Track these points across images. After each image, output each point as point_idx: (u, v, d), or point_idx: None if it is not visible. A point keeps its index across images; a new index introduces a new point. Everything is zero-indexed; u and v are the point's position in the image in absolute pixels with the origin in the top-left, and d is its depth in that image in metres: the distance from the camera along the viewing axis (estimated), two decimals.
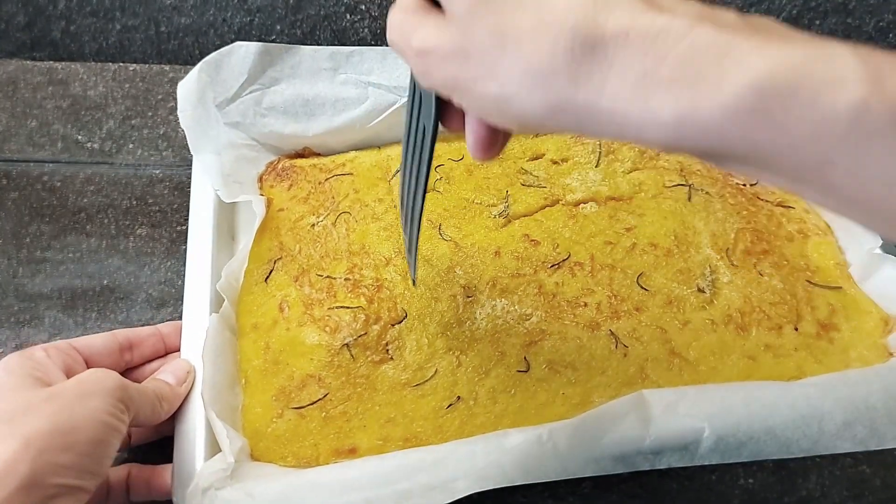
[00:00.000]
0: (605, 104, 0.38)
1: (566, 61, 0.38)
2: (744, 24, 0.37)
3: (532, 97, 0.40)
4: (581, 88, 0.38)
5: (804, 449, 0.64)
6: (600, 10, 0.37)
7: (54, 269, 0.86)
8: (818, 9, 1.09)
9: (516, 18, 0.39)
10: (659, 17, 0.36)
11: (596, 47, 0.37)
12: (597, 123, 0.39)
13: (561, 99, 0.39)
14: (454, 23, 0.42)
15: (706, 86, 0.35)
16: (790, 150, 0.34)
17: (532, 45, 0.39)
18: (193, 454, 0.65)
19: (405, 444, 0.68)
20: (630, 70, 0.37)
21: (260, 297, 0.78)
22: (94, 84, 1.04)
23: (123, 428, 0.58)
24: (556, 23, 0.38)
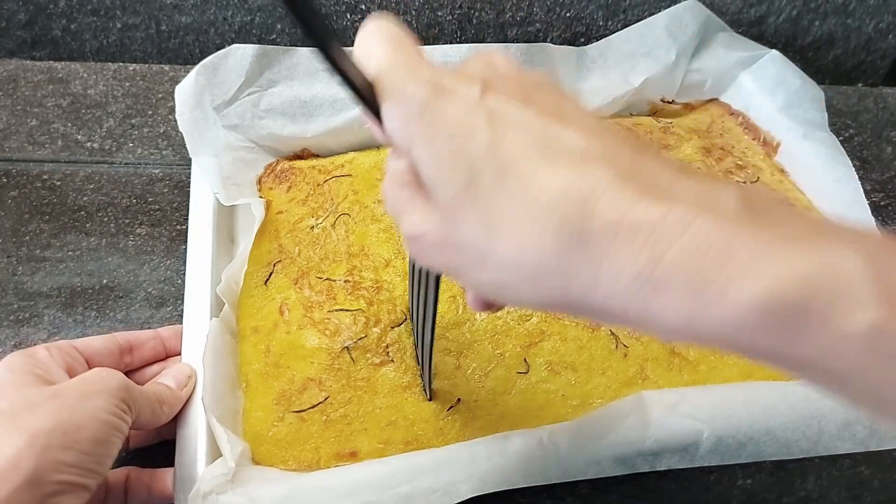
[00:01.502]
0: (598, 301, 0.36)
1: (555, 256, 0.36)
2: (745, 212, 0.34)
3: (524, 289, 0.38)
4: (573, 284, 0.36)
5: (804, 449, 0.64)
6: (588, 199, 0.34)
7: (54, 268, 0.86)
8: (818, 10, 1.08)
9: (501, 207, 0.37)
10: (652, 207, 0.33)
11: (585, 241, 0.35)
12: (594, 316, 0.38)
13: (552, 294, 0.37)
14: (439, 211, 0.40)
15: (708, 297, 0.32)
16: (802, 365, 0.33)
17: (518, 239, 0.36)
18: (195, 458, 0.65)
19: (406, 447, 0.68)
20: (623, 269, 0.34)
21: (260, 300, 0.78)
22: (94, 83, 1.04)
23: (126, 428, 0.58)
24: (543, 214, 0.35)
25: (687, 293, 0.33)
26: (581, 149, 0.36)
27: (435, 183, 0.40)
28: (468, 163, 0.37)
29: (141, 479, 0.66)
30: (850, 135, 1.06)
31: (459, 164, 0.38)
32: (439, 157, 0.39)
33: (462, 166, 0.38)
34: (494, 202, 0.37)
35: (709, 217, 0.33)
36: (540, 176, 0.36)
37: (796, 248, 0.31)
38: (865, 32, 1.12)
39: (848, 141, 1.04)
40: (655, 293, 0.33)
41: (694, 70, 1.01)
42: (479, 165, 0.37)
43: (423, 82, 0.39)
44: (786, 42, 1.12)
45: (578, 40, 1.13)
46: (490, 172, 0.37)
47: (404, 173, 0.43)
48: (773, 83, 0.96)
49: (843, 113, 1.08)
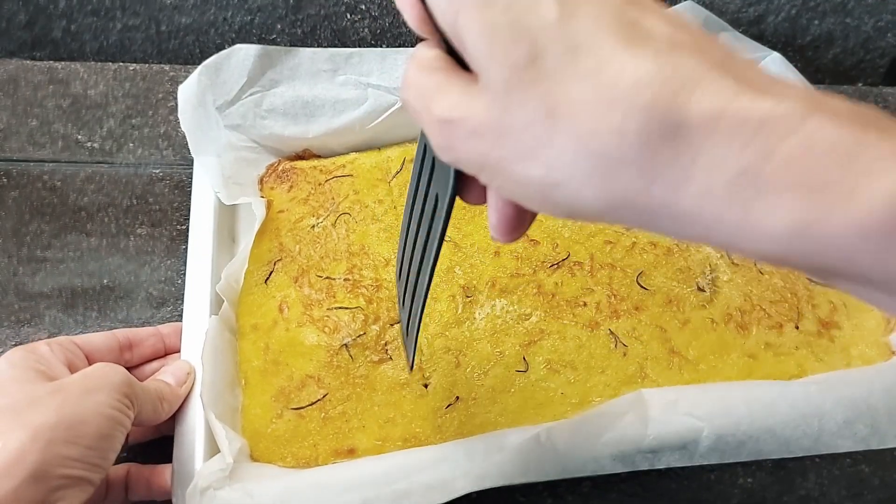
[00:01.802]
0: (686, 204, 0.31)
1: (637, 147, 0.31)
2: (859, 115, 0.30)
3: (588, 186, 0.33)
4: (656, 182, 0.31)
5: (804, 448, 0.64)
6: (681, 87, 0.30)
7: (54, 268, 0.86)
8: (817, 8, 1.08)
9: (570, 89, 0.32)
10: (758, 100, 0.30)
11: (676, 133, 0.30)
12: (673, 224, 0.33)
13: (627, 192, 0.32)
14: (489, 91, 0.34)
15: (830, 199, 0.28)
16: None
17: (592, 124, 0.31)
18: (193, 455, 0.65)
19: (404, 444, 0.68)
20: (723, 166, 0.30)
21: (260, 297, 0.78)
22: (94, 83, 1.04)
23: (128, 423, 0.58)
24: (625, 98, 0.31)
25: (803, 194, 0.29)
26: (668, 35, 0.32)
27: (486, 58, 0.34)
28: (531, 37, 0.32)
29: (141, 474, 0.66)
30: None
31: (520, 38, 0.32)
32: (495, 28, 0.33)
33: (523, 40, 0.32)
34: (562, 83, 0.32)
35: (826, 115, 0.29)
36: (621, 59, 0.31)
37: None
38: (864, 31, 1.12)
39: None
40: (761, 194, 0.29)
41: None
42: (545, 41, 0.32)
43: None
44: (785, 41, 1.12)
45: None
46: (557, 50, 0.32)
47: (436, 59, 0.38)
48: None
49: None
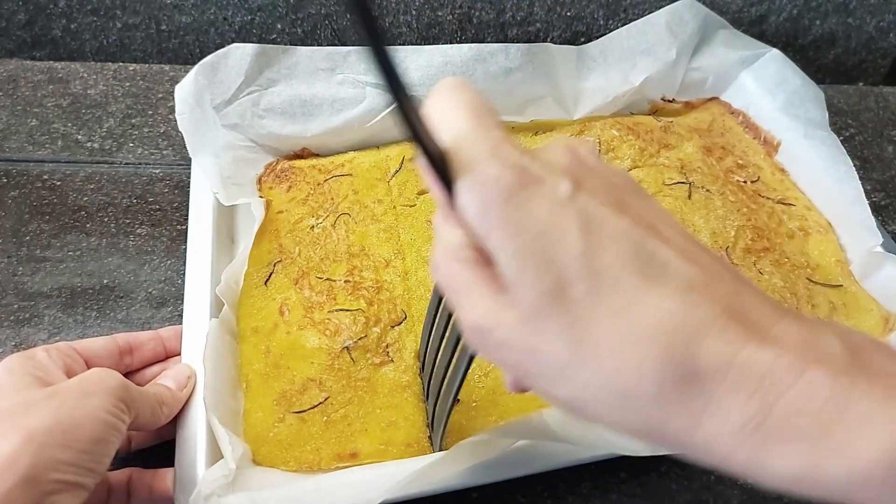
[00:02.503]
0: (699, 441, 0.34)
1: (655, 389, 0.34)
2: (850, 358, 0.34)
3: (611, 413, 0.36)
4: (672, 420, 0.34)
5: None
6: (694, 335, 0.33)
7: (54, 268, 0.86)
8: (819, 9, 1.08)
9: (595, 324, 0.35)
10: (760, 352, 0.33)
11: (690, 380, 0.33)
12: (692, 453, 0.36)
13: (647, 424, 0.35)
14: (519, 308, 0.36)
15: (830, 447, 0.32)
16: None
17: (615, 362, 0.34)
18: (195, 460, 0.65)
19: (406, 448, 0.68)
20: (733, 412, 0.33)
21: (260, 300, 0.78)
22: (94, 83, 1.04)
23: (124, 428, 0.58)
24: (646, 342, 0.34)
25: (806, 444, 0.32)
26: (683, 274, 0.35)
27: (516, 280, 0.36)
28: (557, 268, 0.35)
29: (143, 479, 0.66)
30: (850, 134, 1.06)
31: (547, 268, 0.35)
32: (524, 255, 0.35)
33: (550, 271, 0.35)
34: (587, 317, 0.35)
35: (821, 367, 0.33)
36: (643, 299, 0.34)
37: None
38: (866, 31, 1.12)
39: (848, 140, 1.04)
40: (766, 442, 0.33)
41: (694, 68, 1.01)
42: (570, 274, 0.35)
43: (509, 166, 0.36)
44: (786, 41, 1.12)
45: (579, 40, 1.13)
46: (583, 284, 0.35)
47: (463, 248, 0.39)
48: (773, 82, 0.96)
49: (843, 112, 1.08)
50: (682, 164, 0.90)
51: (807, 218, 0.86)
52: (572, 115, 0.99)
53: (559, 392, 0.37)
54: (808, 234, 0.84)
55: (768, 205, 0.87)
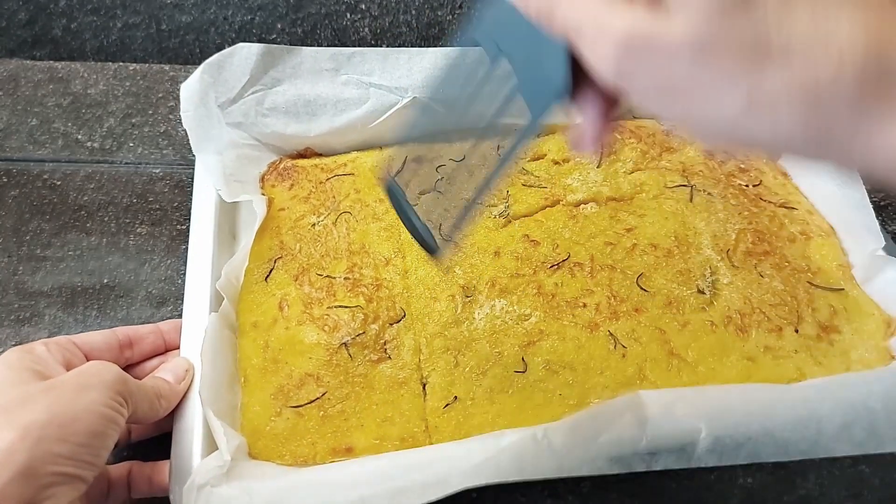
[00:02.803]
0: (889, 139, 0.33)
1: (853, 88, 0.32)
2: None
3: (792, 119, 0.34)
4: (863, 118, 0.33)
5: (802, 451, 0.64)
6: (889, 39, 0.32)
7: (54, 267, 0.86)
8: None
9: (784, 22, 0.33)
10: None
11: (889, 76, 0.32)
12: (872, 160, 0.34)
13: (832, 127, 0.33)
14: (689, 10, 0.34)
15: None
16: None
17: (807, 60, 0.32)
18: (191, 451, 0.65)
19: (402, 443, 0.68)
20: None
21: (260, 295, 0.78)
22: (94, 82, 1.04)
23: (122, 420, 0.58)
24: (843, 38, 0.32)
25: None
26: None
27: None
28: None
29: (142, 471, 0.66)
30: None
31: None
32: None
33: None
34: (777, 16, 0.33)
35: None
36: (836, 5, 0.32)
37: None
38: None
39: None
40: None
41: None
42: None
43: None
44: None
45: None
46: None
47: None
48: None
49: None
50: (683, 168, 0.90)
51: (808, 222, 0.86)
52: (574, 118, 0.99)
53: (731, 100, 0.34)
54: (809, 237, 0.84)
55: (770, 208, 0.86)
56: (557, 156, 0.91)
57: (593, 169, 0.89)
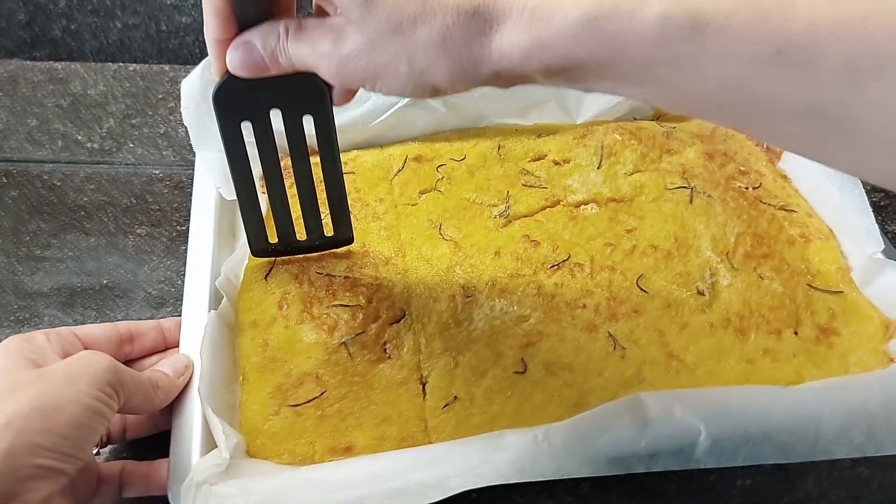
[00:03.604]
0: (491, 51, 0.46)
1: (458, 29, 0.46)
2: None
3: (441, 64, 0.47)
4: (473, 46, 0.46)
5: (801, 454, 0.64)
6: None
7: (53, 268, 0.86)
8: None
9: (402, 7, 0.46)
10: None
11: (475, 14, 0.45)
12: (487, 70, 0.47)
13: (462, 58, 0.47)
14: (351, 24, 0.49)
15: (554, 19, 0.43)
16: (623, 57, 0.42)
17: (427, 26, 0.46)
18: (189, 449, 0.65)
19: (400, 443, 0.68)
20: (500, 23, 0.45)
21: (259, 294, 0.78)
22: (94, 83, 1.04)
23: (109, 413, 0.57)
24: (441, 4, 0.46)
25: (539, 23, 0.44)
26: None
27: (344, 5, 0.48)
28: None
29: (138, 471, 0.66)
30: None
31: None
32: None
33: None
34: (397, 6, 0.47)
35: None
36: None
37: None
38: None
39: None
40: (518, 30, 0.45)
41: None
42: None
43: None
44: None
45: None
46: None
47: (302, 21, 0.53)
48: None
49: None
50: (683, 170, 0.90)
51: (808, 225, 0.86)
52: (575, 119, 1.00)
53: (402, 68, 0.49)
54: (808, 240, 0.84)
55: (769, 211, 0.86)
56: (558, 156, 0.91)
57: (594, 170, 0.89)
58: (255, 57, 0.55)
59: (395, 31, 0.47)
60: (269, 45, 0.54)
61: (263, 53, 0.55)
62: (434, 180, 0.89)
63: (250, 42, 0.55)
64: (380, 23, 0.47)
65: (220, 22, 0.55)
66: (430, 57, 0.47)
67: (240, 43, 0.55)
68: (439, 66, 0.48)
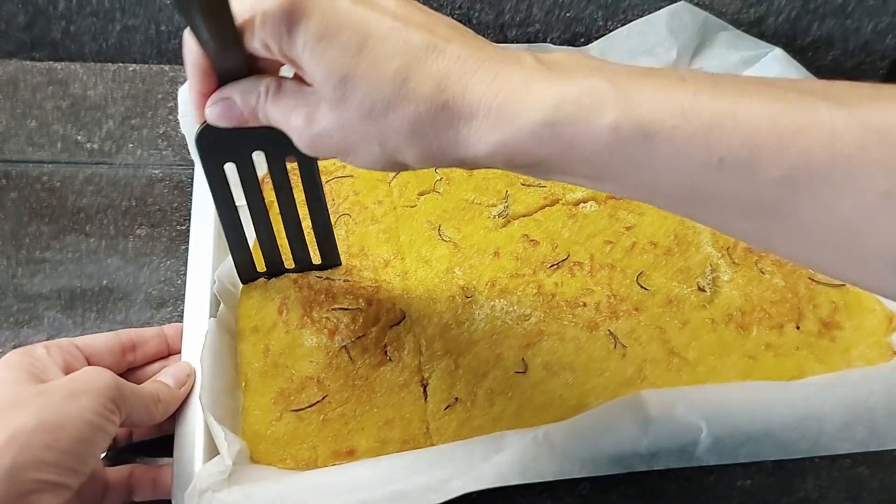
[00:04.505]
0: (458, 143, 0.47)
1: (428, 119, 0.47)
2: (541, 66, 0.46)
3: (409, 148, 0.49)
4: (441, 136, 0.47)
5: (803, 450, 0.64)
6: (441, 81, 0.46)
7: (53, 270, 0.86)
8: (817, 10, 1.08)
9: (376, 93, 0.47)
10: (478, 72, 0.46)
11: (444, 107, 0.46)
12: (453, 157, 0.49)
13: (430, 146, 0.48)
14: (325, 102, 0.50)
15: (517, 121, 0.45)
16: (581, 159, 0.44)
17: (399, 113, 0.47)
18: (193, 456, 0.65)
19: (403, 446, 0.68)
20: (467, 119, 0.46)
21: (259, 299, 0.78)
22: (93, 84, 1.04)
23: (112, 428, 0.58)
24: (413, 94, 0.46)
25: (503, 121, 0.45)
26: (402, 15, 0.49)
27: (319, 83, 0.49)
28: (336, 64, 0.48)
29: (146, 475, 0.66)
30: None
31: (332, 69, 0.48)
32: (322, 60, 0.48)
33: (335, 70, 0.48)
34: (368, 87, 0.48)
35: (516, 67, 0.46)
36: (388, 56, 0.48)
37: (570, 83, 0.44)
38: (864, 33, 1.12)
39: None
40: (485, 127, 0.46)
41: (696, 69, 1.01)
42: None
43: None
44: (785, 43, 1.11)
45: (578, 41, 1.12)
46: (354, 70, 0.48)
47: (281, 84, 0.54)
48: None
49: None
50: None
51: None
52: None
53: (375, 147, 0.50)
54: None
55: None
56: None
57: None
58: (235, 112, 0.55)
59: (367, 116, 0.48)
60: (249, 104, 0.55)
61: (243, 110, 0.55)
62: (433, 181, 0.89)
63: (230, 98, 0.55)
64: (353, 106, 0.48)
65: (201, 75, 0.55)
66: (401, 141, 0.48)
67: (219, 98, 0.56)
68: (409, 149, 0.49)
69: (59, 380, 0.58)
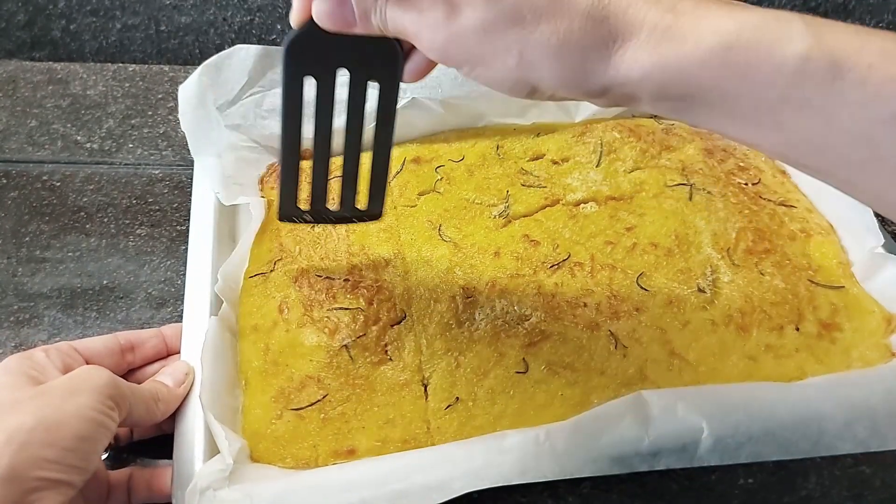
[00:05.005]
0: (608, 65, 0.45)
1: (581, 35, 0.44)
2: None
3: (552, 67, 0.46)
4: (590, 56, 0.45)
5: (804, 450, 0.64)
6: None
7: (54, 269, 0.86)
8: (818, 9, 1.08)
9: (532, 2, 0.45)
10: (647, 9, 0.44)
11: (603, 22, 0.44)
12: (595, 82, 0.46)
13: (575, 66, 0.45)
14: (469, 8, 0.46)
15: (685, 44, 0.43)
16: (750, 93, 0.42)
17: (550, 25, 0.44)
18: (193, 455, 0.65)
19: (404, 445, 0.68)
20: (625, 38, 0.44)
21: (260, 298, 0.78)
22: (93, 83, 1.04)
23: (112, 425, 0.58)
24: (570, 6, 0.44)
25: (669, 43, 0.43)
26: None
27: None
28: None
29: (142, 477, 0.66)
30: None
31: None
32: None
33: None
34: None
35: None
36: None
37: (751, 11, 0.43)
38: None
39: None
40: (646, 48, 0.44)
41: None
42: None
43: None
44: None
45: None
46: None
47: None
48: None
49: None
50: (683, 166, 0.90)
51: (808, 220, 0.85)
52: (574, 117, 1.00)
53: (510, 60, 0.47)
54: (809, 235, 0.84)
55: (770, 207, 0.86)
56: (556, 155, 0.91)
57: (593, 168, 0.89)
58: (346, 11, 0.52)
59: (516, 22, 0.45)
60: (366, 3, 0.51)
61: (356, 9, 0.51)
62: (433, 181, 0.88)
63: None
64: (503, 9, 0.45)
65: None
66: (544, 56, 0.46)
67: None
68: (549, 67, 0.46)
69: (56, 380, 0.58)
